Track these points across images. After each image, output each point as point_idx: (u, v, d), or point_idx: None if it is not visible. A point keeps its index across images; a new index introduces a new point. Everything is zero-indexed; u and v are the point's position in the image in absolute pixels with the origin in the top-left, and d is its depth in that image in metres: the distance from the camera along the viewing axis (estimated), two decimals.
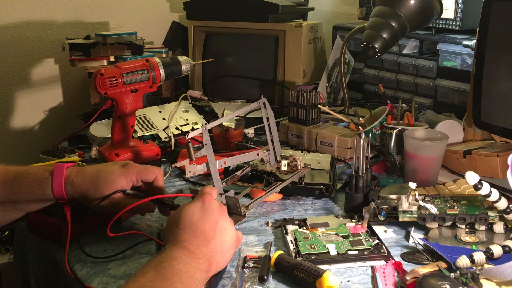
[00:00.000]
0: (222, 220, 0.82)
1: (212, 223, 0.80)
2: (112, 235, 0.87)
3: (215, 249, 0.79)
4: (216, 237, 0.80)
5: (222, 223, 0.82)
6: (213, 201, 0.84)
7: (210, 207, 0.82)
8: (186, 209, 0.81)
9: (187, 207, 0.82)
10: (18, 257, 1.21)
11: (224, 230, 0.81)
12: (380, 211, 0.98)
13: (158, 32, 2.11)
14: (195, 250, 0.77)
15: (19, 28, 1.94)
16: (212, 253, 0.78)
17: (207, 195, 0.84)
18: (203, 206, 0.82)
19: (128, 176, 0.92)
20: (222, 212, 0.83)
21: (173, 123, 1.49)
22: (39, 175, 0.91)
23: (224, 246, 0.81)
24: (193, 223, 0.79)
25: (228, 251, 0.82)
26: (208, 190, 0.85)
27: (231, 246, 0.83)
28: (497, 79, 1.17)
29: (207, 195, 0.84)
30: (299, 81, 1.78)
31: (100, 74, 1.15)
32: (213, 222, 0.80)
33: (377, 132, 1.35)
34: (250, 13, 1.80)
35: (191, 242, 0.77)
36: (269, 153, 1.13)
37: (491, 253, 0.85)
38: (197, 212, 0.81)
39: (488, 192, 0.91)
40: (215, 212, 0.82)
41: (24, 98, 2.00)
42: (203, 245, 0.78)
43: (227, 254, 0.82)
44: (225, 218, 0.83)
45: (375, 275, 0.83)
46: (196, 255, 0.76)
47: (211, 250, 0.78)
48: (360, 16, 1.82)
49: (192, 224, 0.79)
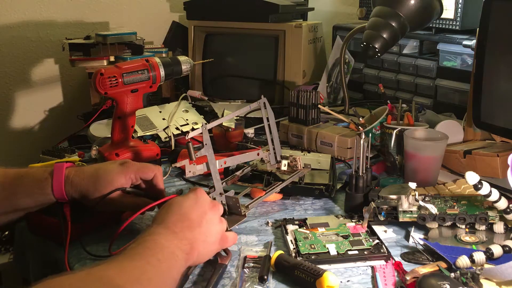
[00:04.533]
0: (211, 213, 0.84)
1: (200, 213, 0.82)
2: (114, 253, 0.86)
3: (199, 237, 0.80)
4: (202, 226, 0.81)
5: (211, 216, 0.83)
6: (205, 194, 0.86)
7: (202, 199, 0.84)
8: (178, 198, 0.84)
9: (180, 197, 0.85)
10: (18, 257, 1.21)
11: (210, 222, 0.83)
12: (380, 211, 0.98)
13: (158, 32, 2.11)
14: (178, 231, 0.78)
15: (19, 28, 1.94)
16: (195, 239, 0.79)
17: (199, 189, 0.86)
18: (195, 197, 0.84)
19: (127, 174, 0.93)
20: (213, 207, 0.85)
21: (173, 123, 1.49)
22: (38, 175, 0.91)
23: (208, 237, 0.82)
24: (182, 209, 0.81)
25: (212, 244, 0.83)
26: (199, 188, 0.88)
27: (215, 241, 0.84)
28: (497, 79, 1.17)
29: (199, 189, 0.86)
30: (299, 81, 1.78)
31: (100, 74, 1.15)
32: (202, 212, 0.82)
33: (377, 132, 1.35)
34: (250, 13, 1.80)
35: (175, 224, 0.79)
36: (269, 153, 1.13)
37: (491, 253, 0.85)
38: (188, 201, 0.83)
39: (488, 192, 0.91)
40: (205, 204, 0.84)
41: (24, 98, 2.00)
42: (187, 229, 0.79)
43: (211, 246, 0.83)
44: (215, 213, 0.85)
45: (375, 275, 0.83)
46: (179, 236, 0.77)
47: (194, 236, 0.79)
48: (360, 16, 1.82)
49: (180, 209, 0.81)
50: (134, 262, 0.69)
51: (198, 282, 0.83)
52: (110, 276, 0.65)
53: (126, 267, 0.68)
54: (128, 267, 0.68)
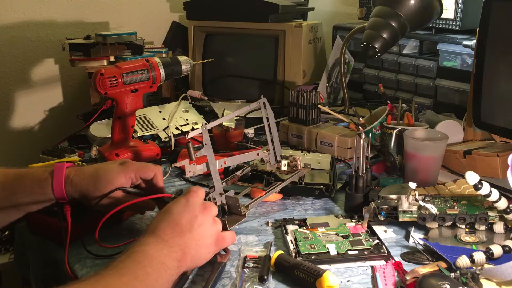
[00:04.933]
0: (202, 216, 0.83)
1: (190, 218, 0.81)
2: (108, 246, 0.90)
3: (190, 242, 0.80)
4: (192, 230, 0.81)
5: (202, 219, 0.83)
6: (196, 198, 0.85)
7: (192, 203, 0.83)
8: (169, 205, 0.84)
9: (171, 202, 0.84)
10: (18, 257, 1.21)
11: (202, 225, 0.82)
12: (380, 211, 0.98)
13: (158, 32, 2.11)
14: (168, 239, 0.78)
15: (19, 28, 1.94)
16: (186, 245, 0.79)
17: (192, 193, 0.85)
18: (186, 202, 0.83)
19: (127, 173, 0.93)
20: (204, 209, 0.84)
21: (173, 123, 1.49)
22: (39, 175, 0.91)
23: (201, 240, 0.81)
24: (171, 216, 0.81)
25: (207, 246, 0.83)
26: (195, 189, 0.87)
27: (210, 243, 0.84)
28: (497, 79, 1.17)
29: (193, 192, 0.85)
30: (299, 81, 1.78)
31: (100, 74, 1.15)
32: (191, 216, 0.82)
33: (377, 132, 1.35)
34: (250, 13, 1.80)
35: (165, 232, 0.79)
36: (269, 153, 1.12)
37: (491, 253, 0.85)
38: (178, 207, 0.83)
39: (488, 192, 0.91)
40: (195, 208, 0.83)
41: (24, 98, 2.00)
42: (177, 236, 0.79)
43: (204, 250, 0.83)
44: (206, 215, 0.84)
45: (375, 275, 0.83)
46: (169, 244, 0.77)
47: (185, 241, 0.79)
48: (360, 16, 1.82)
49: (170, 216, 0.81)
50: (122, 278, 0.70)
51: (198, 282, 0.83)
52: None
53: (114, 284, 0.69)
54: (115, 284, 0.69)
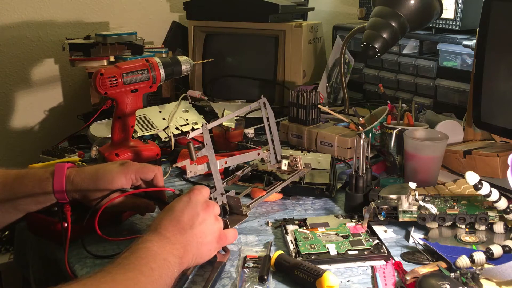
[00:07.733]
0: (204, 214, 0.83)
1: (192, 215, 0.82)
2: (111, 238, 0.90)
3: (191, 239, 0.80)
4: (194, 228, 0.81)
5: (204, 216, 0.83)
6: (199, 196, 0.85)
7: (194, 201, 0.84)
8: (173, 202, 0.84)
9: (175, 200, 0.84)
10: (18, 257, 1.21)
11: (204, 223, 0.82)
12: (380, 211, 0.98)
13: (158, 32, 2.11)
14: (170, 236, 0.78)
15: (19, 28, 1.94)
16: (187, 242, 0.79)
17: (196, 191, 0.85)
18: (188, 200, 0.84)
19: (127, 174, 0.93)
20: (206, 207, 0.84)
21: (173, 123, 1.49)
22: (39, 175, 0.92)
23: (203, 238, 0.82)
24: (173, 213, 0.81)
25: (208, 244, 0.83)
26: (198, 187, 0.87)
27: (212, 240, 0.84)
28: (497, 79, 1.17)
29: (196, 190, 0.86)
30: (299, 81, 1.78)
31: (100, 74, 1.15)
32: (193, 214, 0.82)
33: (377, 132, 1.35)
34: (250, 13, 1.80)
35: (167, 229, 0.79)
36: (269, 153, 1.12)
37: (491, 253, 0.85)
38: (180, 204, 0.83)
39: (488, 192, 0.91)
40: (197, 205, 0.83)
41: (24, 98, 2.00)
42: (179, 233, 0.79)
43: (206, 247, 0.83)
44: (208, 213, 0.84)
45: (375, 275, 0.84)
46: (171, 241, 0.78)
47: (186, 239, 0.79)
48: (360, 16, 1.82)
49: (172, 213, 0.81)
50: (128, 273, 0.70)
51: (197, 282, 0.83)
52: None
53: (120, 280, 0.69)
54: (121, 279, 0.69)
